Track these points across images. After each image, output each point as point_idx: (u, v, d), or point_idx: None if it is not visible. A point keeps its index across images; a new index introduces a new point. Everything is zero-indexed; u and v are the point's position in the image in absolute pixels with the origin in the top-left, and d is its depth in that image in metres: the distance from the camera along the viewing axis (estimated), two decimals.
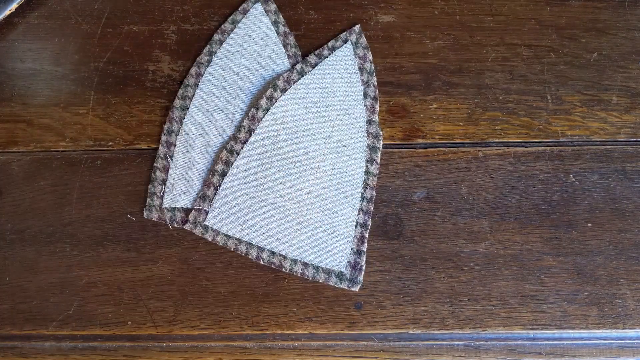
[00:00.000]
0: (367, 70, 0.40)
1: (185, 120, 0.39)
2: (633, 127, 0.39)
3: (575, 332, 0.35)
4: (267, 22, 0.41)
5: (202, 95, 0.40)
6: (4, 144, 0.40)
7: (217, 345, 0.36)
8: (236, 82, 0.40)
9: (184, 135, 0.39)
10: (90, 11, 0.43)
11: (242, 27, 0.41)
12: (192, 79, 0.40)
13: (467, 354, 0.35)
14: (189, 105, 0.39)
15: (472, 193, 0.38)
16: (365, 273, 0.36)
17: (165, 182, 0.38)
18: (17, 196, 0.38)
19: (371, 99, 0.39)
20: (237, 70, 0.40)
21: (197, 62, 0.40)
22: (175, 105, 0.40)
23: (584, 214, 0.37)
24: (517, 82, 0.40)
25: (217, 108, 0.39)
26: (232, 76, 0.40)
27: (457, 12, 0.42)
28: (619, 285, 0.36)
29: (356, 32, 0.41)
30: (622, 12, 0.42)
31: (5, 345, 0.36)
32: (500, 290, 0.36)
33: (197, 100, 0.40)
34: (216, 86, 0.40)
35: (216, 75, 0.40)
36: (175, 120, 0.39)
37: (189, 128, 0.39)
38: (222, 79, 0.40)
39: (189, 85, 0.40)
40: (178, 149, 0.39)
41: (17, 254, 0.37)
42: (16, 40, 0.42)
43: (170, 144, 0.39)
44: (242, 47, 0.40)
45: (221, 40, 0.41)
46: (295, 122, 0.39)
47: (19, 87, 0.41)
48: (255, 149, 0.38)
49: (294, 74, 0.40)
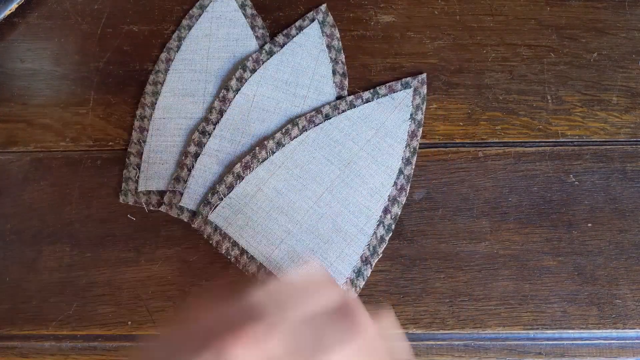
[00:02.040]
0: (335, 48, 0.40)
1: (157, 104, 0.40)
2: (633, 127, 0.39)
3: (575, 332, 0.35)
4: (234, 5, 0.42)
5: (172, 80, 0.40)
6: (3, 144, 0.40)
7: None
8: (206, 65, 0.40)
9: (156, 120, 0.39)
10: (90, 11, 0.43)
11: (209, 11, 0.42)
12: (162, 65, 0.40)
13: (467, 354, 0.35)
14: (160, 91, 0.40)
15: (472, 193, 0.38)
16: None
17: (139, 166, 0.38)
18: (17, 196, 0.38)
19: (340, 75, 0.40)
20: (207, 53, 0.41)
21: (166, 47, 0.41)
22: (146, 91, 0.40)
23: (584, 214, 0.37)
24: (517, 82, 0.40)
25: (187, 91, 0.40)
26: (202, 60, 0.40)
27: (457, 12, 0.42)
28: (619, 285, 0.36)
29: (322, 11, 0.41)
30: (622, 12, 0.42)
31: (5, 345, 0.36)
32: (500, 290, 0.36)
33: (168, 85, 0.40)
34: (186, 70, 0.40)
35: (186, 59, 0.41)
36: (147, 105, 0.40)
37: (161, 112, 0.39)
38: (192, 63, 0.40)
39: (160, 71, 0.40)
40: (151, 134, 0.39)
41: (17, 254, 0.37)
42: (16, 40, 0.42)
43: (143, 129, 0.39)
44: (210, 31, 0.41)
45: (189, 25, 0.41)
46: (265, 101, 0.39)
47: (19, 87, 0.41)
48: (227, 129, 0.38)
49: (262, 54, 0.40)
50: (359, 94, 0.39)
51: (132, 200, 0.38)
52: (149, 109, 0.39)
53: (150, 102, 0.40)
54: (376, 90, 0.39)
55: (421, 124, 0.39)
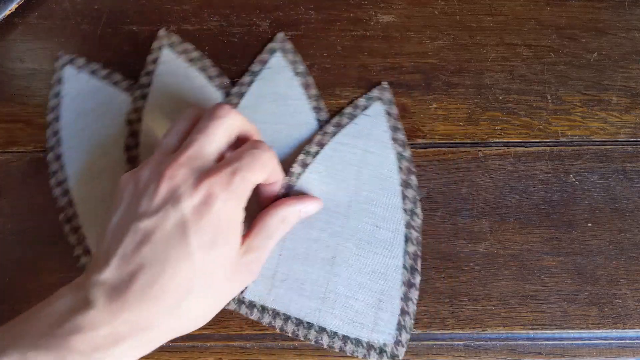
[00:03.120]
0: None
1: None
2: (633, 127, 0.39)
3: (575, 332, 0.35)
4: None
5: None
6: (3, 144, 0.40)
7: (217, 345, 0.36)
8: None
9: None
10: (90, 11, 0.43)
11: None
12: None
13: (467, 354, 0.35)
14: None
15: (472, 193, 0.38)
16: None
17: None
18: (17, 196, 0.38)
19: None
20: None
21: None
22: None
23: (584, 214, 0.37)
24: (517, 82, 0.40)
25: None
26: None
27: (457, 12, 0.42)
28: (619, 285, 0.36)
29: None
30: (622, 12, 0.42)
31: None
32: (500, 290, 0.36)
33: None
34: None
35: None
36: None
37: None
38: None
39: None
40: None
41: (17, 254, 0.37)
42: (16, 40, 0.42)
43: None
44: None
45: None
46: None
47: (18, 87, 0.41)
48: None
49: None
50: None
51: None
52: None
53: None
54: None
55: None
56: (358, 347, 0.34)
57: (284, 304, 0.35)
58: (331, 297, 0.35)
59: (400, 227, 0.36)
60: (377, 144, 0.38)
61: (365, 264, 0.36)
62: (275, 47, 0.41)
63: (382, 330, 0.35)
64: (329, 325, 0.35)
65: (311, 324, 0.35)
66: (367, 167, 0.37)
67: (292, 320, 0.35)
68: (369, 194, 0.37)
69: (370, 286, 0.35)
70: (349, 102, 0.39)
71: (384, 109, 0.39)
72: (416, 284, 0.35)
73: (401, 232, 0.36)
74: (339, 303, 0.35)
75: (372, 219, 0.36)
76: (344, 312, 0.35)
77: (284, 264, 0.36)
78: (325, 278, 0.35)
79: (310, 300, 0.35)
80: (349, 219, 0.36)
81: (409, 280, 0.35)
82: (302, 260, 0.36)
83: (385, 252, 0.36)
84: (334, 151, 0.38)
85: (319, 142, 0.38)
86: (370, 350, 0.34)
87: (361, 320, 0.35)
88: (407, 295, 0.35)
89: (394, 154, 0.38)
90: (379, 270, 0.35)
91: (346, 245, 0.36)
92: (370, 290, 0.35)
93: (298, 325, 0.35)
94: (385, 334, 0.35)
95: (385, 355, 0.34)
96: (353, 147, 0.38)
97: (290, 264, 0.36)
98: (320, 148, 0.38)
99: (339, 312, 0.35)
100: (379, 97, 0.39)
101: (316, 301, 0.35)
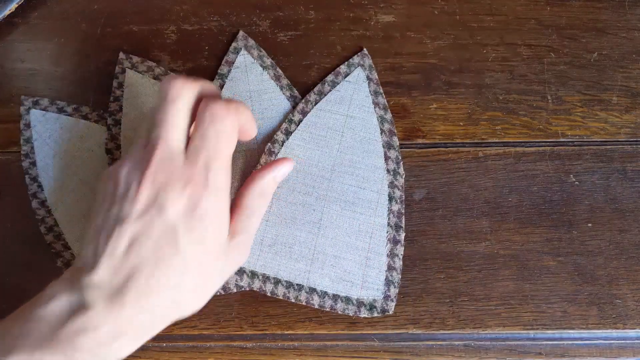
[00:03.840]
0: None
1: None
2: (633, 127, 0.39)
3: (575, 332, 0.35)
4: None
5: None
6: (3, 144, 0.40)
7: (217, 345, 0.36)
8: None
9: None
10: (90, 11, 0.43)
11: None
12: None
13: (468, 354, 0.35)
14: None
15: (472, 193, 0.38)
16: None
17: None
18: (17, 196, 0.38)
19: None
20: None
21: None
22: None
23: (584, 214, 0.37)
24: (517, 82, 0.40)
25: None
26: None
27: (457, 11, 0.42)
28: (619, 285, 0.36)
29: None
30: (622, 12, 0.42)
31: None
32: (501, 290, 0.36)
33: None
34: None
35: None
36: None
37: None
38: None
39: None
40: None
41: (17, 254, 0.37)
42: (16, 40, 0.42)
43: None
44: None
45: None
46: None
47: (19, 87, 0.41)
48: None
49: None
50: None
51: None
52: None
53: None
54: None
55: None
56: (348, 305, 0.35)
57: (273, 268, 0.36)
58: (320, 258, 0.36)
59: (384, 187, 0.37)
60: (359, 109, 0.39)
61: (351, 224, 0.36)
62: (238, 46, 0.41)
63: (371, 286, 0.35)
64: (319, 286, 0.36)
65: (301, 285, 0.36)
66: (350, 131, 0.38)
67: (282, 284, 0.36)
68: (352, 157, 0.38)
69: (357, 245, 0.36)
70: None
71: (364, 74, 0.40)
72: (401, 240, 0.36)
73: (385, 192, 0.37)
74: (328, 263, 0.36)
75: (356, 180, 0.37)
76: (333, 271, 0.36)
77: (271, 229, 0.36)
78: (313, 240, 0.36)
79: (299, 263, 0.36)
80: (333, 182, 0.37)
81: (394, 237, 0.36)
82: (289, 224, 0.37)
83: (370, 212, 0.37)
84: (317, 118, 0.38)
85: (302, 110, 0.39)
86: (361, 306, 0.35)
87: (350, 278, 0.36)
88: (392, 252, 0.36)
89: (376, 117, 0.38)
90: (365, 229, 0.36)
91: (332, 207, 0.37)
92: (357, 249, 0.36)
93: (288, 287, 0.36)
94: (374, 290, 0.35)
95: (375, 311, 0.35)
96: (335, 113, 0.38)
97: (277, 229, 0.37)
98: (303, 116, 0.38)
99: (328, 272, 0.36)
100: (360, 64, 0.40)
101: (305, 263, 0.36)
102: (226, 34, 0.42)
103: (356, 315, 0.35)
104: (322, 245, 0.36)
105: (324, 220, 0.37)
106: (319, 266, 0.36)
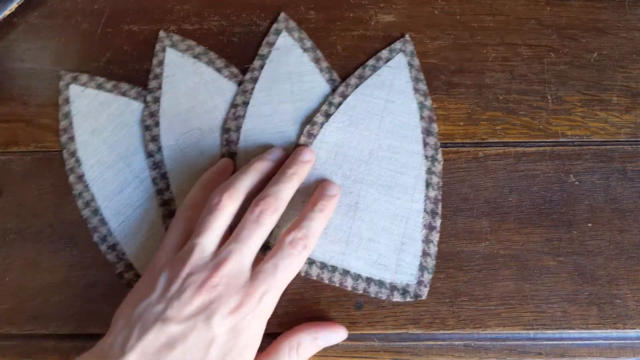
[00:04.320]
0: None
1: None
2: (633, 127, 0.39)
3: (575, 332, 0.35)
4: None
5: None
6: (4, 143, 0.40)
7: None
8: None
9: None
10: (91, 11, 0.43)
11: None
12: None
13: (468, 354, 0.35)
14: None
15: (472, 193, 0.38)
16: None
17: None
18: (18, 196, 0.38)
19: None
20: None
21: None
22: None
23: (584, 214, 0.37)
24: (518, 82, 0.40)
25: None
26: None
27: (458, 11, 0.42)
28: (619, 285, 0.36)
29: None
30: (622, 12, 0.42)
31: (5, 345, 0.36)
32: (501, 290, 0.36)
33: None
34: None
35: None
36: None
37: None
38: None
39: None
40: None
41: (18, 253, 0.37)
42: (16, 40, 0.42)
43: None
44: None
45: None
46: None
47: (19, 87, 0.41)
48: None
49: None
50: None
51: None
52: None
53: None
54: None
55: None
56: (381, 288, 0.35)
57: None
58: (354, 241, 0.36)
59: (422, 173, 0.37)
60: (399, 94, 0.39)
61: (388, 208, 0.37)
62: (279, 28, 0.41)
63: (405, 271, 0.36)
64: (353, 268, 0.36)
65: (335, 267, 0.36)
66: (389, 116, 0.38)
67: (316, 264, 0.36)
68: (391, 142, 0.38)
69: (392, 230, 0.36)
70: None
71: (406, 60, 0.40)
72: (437, 226, 0.36)
73: (422, 178, 0.37)
74: (362, 246, 0.36)
75: (394, 165, 0.37)
76: (367, 254, 0.36)
77: None
78: (349, 223, 0.36)
79: (334, 244, 0.36)
80: (371, 166, 0.37)
81: (429, 223, 0.36)
82: None
83: (407, 197, 0.37)
84: (356, 101, 0.39)
85: (342, 94, 0.39)
86: (394, 290, 0.35)
87: (384, 262, 0.36)
88: (428, 238, 0.36)
89: (416, 103, 0.39)
90: (401, 214, 0.36)
91: (369, 191, 0.37)
92: (393, 234, 0.36)
93: (322, 268, 0.36)
94: (407, 274, 0.36)
95: (408, 295, 0.35)
96: (375, 97, 0.39)
97: None
98: (343, 99, 0.39)
99: (363, 255, 0.36)
100: (402, 49, 0.40)
101: (340, 245, 0.36)
102: (226, 34, 0.42)
103: (389, 299, 0.35)
104: (358, 228, 0.36)
105: (360, 203, 0.37)
106: (354, 249, 0.36)
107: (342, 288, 0.36)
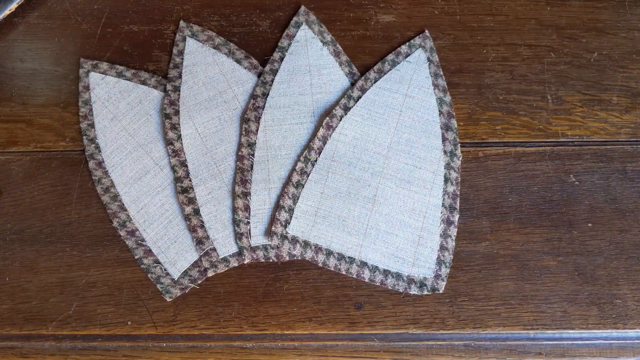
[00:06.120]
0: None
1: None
2: (633, 127, 0.39)
3: (575, 332, 0.35)
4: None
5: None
6: (4, 144, 0.40)
7: (217, 345, 0.36)
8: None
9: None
10: (90, 11, 0.43)
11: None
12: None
13: (468, 354, 0.35)
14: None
15: (472, 193, 0.38)
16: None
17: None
18: (17, 196, 0.38)
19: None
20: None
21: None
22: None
23: (584, 214, 0.37)
24: (518, 82, 0.40)
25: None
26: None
27: (458, 12, 0.42)
28: (619, 285, 0.36)
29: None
30: (622, 12, 0.42)
31: (5, 345, 0.36)
32: (501, 290, 0.36)
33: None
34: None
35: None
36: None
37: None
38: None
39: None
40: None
41: (17, 253, 0.37)
42: (16, 40, 0.42)
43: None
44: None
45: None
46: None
47: (19, 87, 0.41)
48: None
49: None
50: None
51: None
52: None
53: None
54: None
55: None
56: (399, 281, 0.35)
57: (327, 239, 0.36)
58: (372, 233, 0.36)
59: (440, 167, 0.37)
60: (418, 90, 0.39)
61: (406, 202, 0.37)
62: (300, 20, 0.41)
63: (423, 264, 0.36)
64: (370, 260, 0.36)
65: (353, 258, 0.36)
66: (408, 111, 0.38)
67: (334, 255, 0.36)
68: (409, 136, 0.38)
69: (410, 223, 0.36)
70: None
71: (425, 56, 0.40)
72: (455, 221, 0.37)
73: (441, 173, 0.37)
74: (380, 239, 0.36)
75: (413, 159, 0.37)
76: (385, 247, 0.36)
77: (326, 202, 0.37)
78: (367, 215, 0.36)
79: (352, 236, 0.36)
80: (389, 160, 0.37)
81: (448, 218, 0.37)
82: (344, 198, 0.37)
83: (425, 192, 0.37)
84: (375, 95, 0.39)
85: (361, 87, 0.39)
86: (411, 283, 0.35)
87: (402, 255, 0.36)
88: (446, 233, 0.36)
89: (435, 99, 0.39)
90: (419, 208, 0.37)
91: (387, 184, 0.37)
92: (411, 227, 0.36)
93: (340, 259, 0.36)
94: (425, 268, 0.36)
95: (425, 289, 0.35)
96: (395, 92, 0.39)
97: (332, 202, 0.37)
98: (362, 93, 0.39)
99: (380, 247, 0.36)
100: (422, 45, 0.40)
101: (358, 237, 0.36)
102: (226, 34, 0.42)
103: (406, 292, 0.35)
104: (376, 220, 0.36)
105: (379, 196, 0.37)
106: (371, 241, 0.36)
107: (360, 280, 0.36)
